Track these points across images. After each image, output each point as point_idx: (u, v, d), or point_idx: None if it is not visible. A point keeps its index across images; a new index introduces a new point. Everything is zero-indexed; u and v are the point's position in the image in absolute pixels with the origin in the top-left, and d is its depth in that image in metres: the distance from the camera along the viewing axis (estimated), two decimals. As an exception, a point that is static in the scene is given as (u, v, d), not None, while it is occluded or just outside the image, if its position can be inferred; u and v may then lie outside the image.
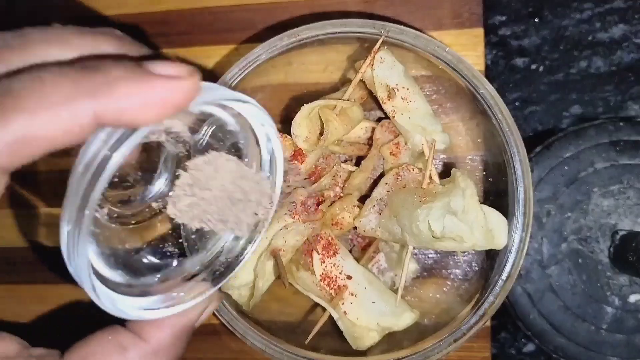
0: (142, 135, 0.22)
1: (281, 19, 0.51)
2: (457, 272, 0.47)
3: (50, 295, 0.54)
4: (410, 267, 0.46)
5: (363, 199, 0.45)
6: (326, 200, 0.45)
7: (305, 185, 0.46)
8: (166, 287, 0.30)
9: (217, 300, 0.33)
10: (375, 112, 0.48)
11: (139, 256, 0.31)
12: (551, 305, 0.47)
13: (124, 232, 0.30)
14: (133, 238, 0.31)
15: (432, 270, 0.48)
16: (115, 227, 0.30)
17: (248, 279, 0.44)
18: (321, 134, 0.44)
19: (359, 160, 0.47)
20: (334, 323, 0.44)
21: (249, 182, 0.29)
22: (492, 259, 0.43)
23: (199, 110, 0.28)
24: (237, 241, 0.33)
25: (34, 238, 0.55)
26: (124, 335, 0.28)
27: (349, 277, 0.43)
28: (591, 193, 0.47)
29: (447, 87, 0.46)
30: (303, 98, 0.47)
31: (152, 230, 0.32)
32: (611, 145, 0.47)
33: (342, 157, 0.48)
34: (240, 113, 0.28)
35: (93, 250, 0.26)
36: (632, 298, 0.47)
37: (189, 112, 0.28)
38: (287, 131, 0.44)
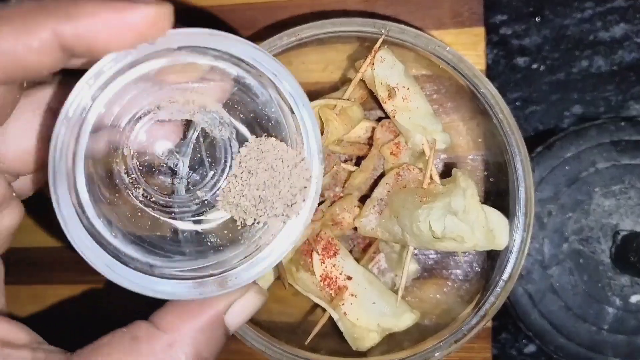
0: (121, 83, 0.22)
1: (281, 18, 0.51)
2: (458, 272, 0.47)
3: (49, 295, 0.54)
4: (411, 267, 0.46)
5: (363, 199, 0.45)
6: (326, 200, 0.45)
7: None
8: (198, 275, 0.27)
9: (258, 295, 0.29)
10: (376, 111, 0.48)
11: (176, 242, 0.29)
12: (552, 305, 0.47)
13: (153, 215, 0.29)
14: (160, 220, 0.29)
15: (433, 270, 0.48)
16: (149, 211, 0.29)
17: (248, 279, 0.43)
18: (321, 134, 0.44)
19: (359, 160, 0.47)
20: (334, 324, 0.44)
21: (288, 164, 0.28)
22: (493, 259, 0.43)
23: (211, 64, 0.27)
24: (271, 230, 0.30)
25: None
26: (140, 326, 0.26)
27: (349, 278, 0.43)
28: (592, 193, 0.47)
29: (448, 87, 0.46)
30: (303, 97, 0.47)
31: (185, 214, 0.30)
32: (612, 145, 0.47)
33: (342, 157, 0.48)
34: (263, 76, 0.27)
35: (112, 224, 0.26)
36: (634, 298, 0.47)
37: (218, 89, 0.27)
38: (287, 131, 0.44)
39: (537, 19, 0.52)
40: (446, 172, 0.47)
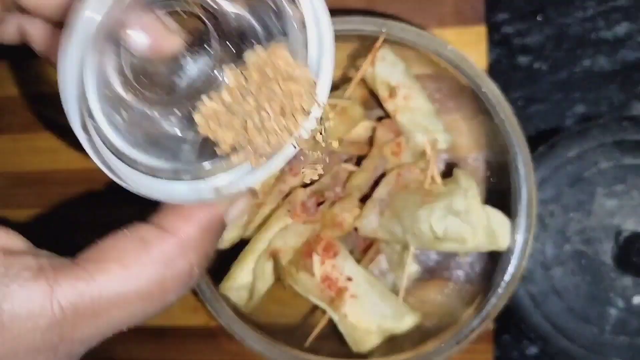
0: None
1: (281, 16, 0.51)
2: (460, 273, 0.47)
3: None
4: (412, 268, 0.46)
5: (364, 200, 0.45)
6: (326, 200, 0.45)
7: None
8: (193, 178, 0.26)
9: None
10: (377, 111, 0.48)
11: (171, 143, 0.27)
12: (554, 307, 0.47)
13: (155, 117, 0.27)
14: (164, 123, 0.27)
15: (434, 271, 0.48)
16: (144, 107, 0.26)
17: (247, 280, 0.43)
18: (321, 134, 0.44)
19: (360, 160, 0.47)
20: (334, 325, 0.43)
21: (297, 84, 0.25)
22: (494, 260, 0.43)
23: None
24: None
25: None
26: (145, 229, 0.25)
27: (350, 279, 0.43)
28: (595, 193, 0.47)
29: (449, 86, 0.46)
30: (303, 97, 0.47)
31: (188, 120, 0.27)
32: (615, 145, 0.47)
33: (342, 157, 0.48)
34: None
35: (114, 124, 0.24)
36: (636, 300, 0.46)
37: None
38: (287, 130, 0.44)
39: (539, 18, 0.51)
40: (448, 172, 0.47)
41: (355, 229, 0.45)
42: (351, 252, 0.46)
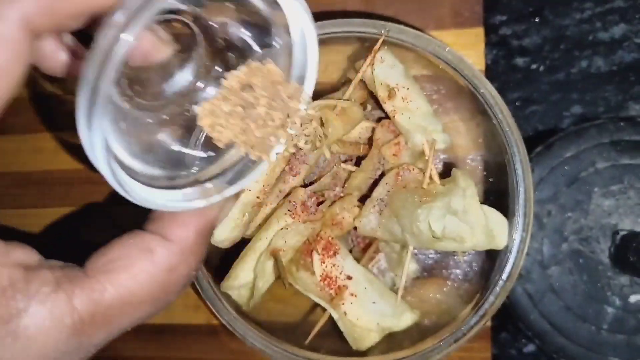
0: (152, 13, 0.21)
1: (281, 18, 0.51)
2: (458, 272, 0.47)
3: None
4: (411, 267, 0.46)
5: (363, 199, 0.45)
6: (326, 200, 0.45)
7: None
8: (185, 185, 0.28)
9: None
10: (376, 111, 0.48)
11: (163, 150, 0.29)
12: (552, 305, 0.47)
13: (148, 124, 0.28)
14: (156, 130, 0.29)
15: (433, 270, 0.48)
16: (139, 115, 0.28)
17: (248, 279, 0.43)
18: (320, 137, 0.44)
19: (359, 160, 0.47)
20: (334, 323, 0.44)
21: (281, 95, 0.27)
22: (492, 259, 0.43)
23: None
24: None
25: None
26: (148, 238, 0.27)
27: (349, 278, 0.43)
28: (592, 193, 0.47)
29: (448, 87, 0.46)
30: (303, 98, 0.47)
31: (177, 126, 0.29)
32: (612, 145, 0.47)
33: (342, 157, 0.48)
34: None
35: (114, 138, 0.24)
36: (633, 298, 0.47)
37: None
38: (287, 131, 0.44)
39: (536, 20, 0.52)
40: (446, 172, 0.47)
41: (355, 228, 0.45)
42: (351, 251, 0.46)
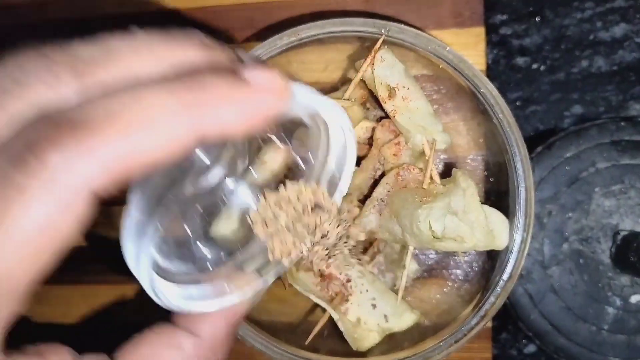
0: None
1: (281, 18, 0.51)
2: (458, 272, 0.47)
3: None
4: (411, 267, 0.46)
5: (363, 199, 0.45)
6: (326, 200, 0.45)
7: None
8: (215, 277, 0.29)
9: (262, 292, 0.31)
10: (376, 111, 0.48)
11: (195, 245, 0.30)
12: (552, 305, 0.47)
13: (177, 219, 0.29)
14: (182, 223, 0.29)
15: (433, 270, 0.48)
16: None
17: (248, 279, 0.43)
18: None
19: (359, 160, 0.47)
20: (334, 324, 0.44)
21: (320, 214, 0.29)
22: (493, 259, 0.43)
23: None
24: None
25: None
26: (176, 334, 0.27)
27: (349, 278, 0.43)
28: (592, 193, 0.47)
29: (448, 87, 0.46)
30: (303, 98, 0.47)
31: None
32: (612, 145, 0.47)
33: (342, 157, 0.48)
34: (320, 115, 0.27)
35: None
36: (634, 299, 0.47)
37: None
38: (287, 131, 0.44)
39: (537, 19, 0.51)
40: (446, 172, 0.47)
41: (355, 229, 0.45)
42: (351, 252, 0.46)
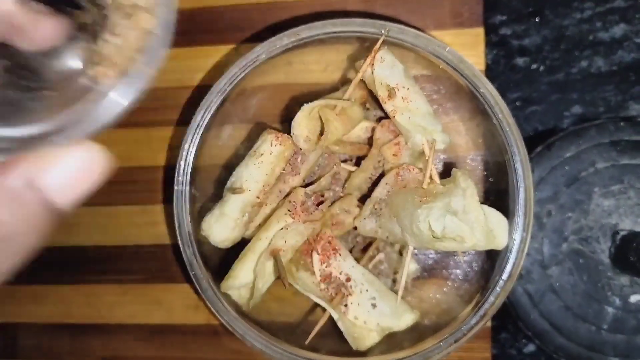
0: None
1: (281, 18, 0.51)
2: (458, 272, 0.47)
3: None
4: (411, 267, 0.46)
5: (363, 199, 0.45)
6: (326, 200, 0.45)
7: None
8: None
9: (93, 155, 0.21)
10: (376, 111, 0.48)
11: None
12: (552, 305, 0.47)
13: None
14: None
15: (433, 270, 0.48)
16: None
17: (248, 279, 0.44)
18: (321, 134, 0.44)
19: (359, 160, 0.47)
20: (334, 323, 0.44)
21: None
22: (492, 259, 0.43)
23: None
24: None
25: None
26: None
27: (349, 278, 0.43)
28: (592, 193, 0.47)
29: (448, 87, 0.46)
30: (303, 98, 0.47)
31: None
32: (612, 145, 0.47)
33: (342, 157, 0.48)
34: None
35: None
36: (633, 298, 0.47)
37: None
38: (288, 131, 0.44)
39: (536, 20, 0.52)
40: (446, 172, 0.47)
41: (355, 228, 0.45)
42: (351, 251, 0.46)
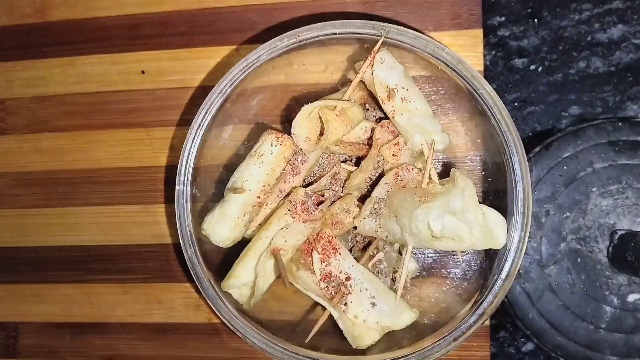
0: None
1: (281, 19, 0.51)
2: (457, 271, 0.48)
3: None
4: (410, 266, 0.47)
5: (363, 199, 0.45)
6: (326, 200, 0.45)
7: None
8: None
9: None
10: (375, 112, 0.48)
11: None
12: (550, 304, 0.48)
13: None
14: None
15: (432, 269, 0.48)
16: None
17: (249, 278, 0.44)
18: (321, 134, 0.45)
19: (359, 160, 0.47)
20: (334, 322, 0.44)
21: None
22: (491, 258, 0.43)
23: None
24: None
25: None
26: None
27: (349, 277, 0.43)
28: (590, 193, 0.48)
29: (447, 88, 0.47)
30: (303, 98, 0.47)
31: None
32: (610, 146, 0.47)
33: (342, 157, 0.48)
34: None
35: None
36: (631, 297, 0.47)
37: None
38: (288, 131, 0.45)
39: (535, 21, 0.52)
40: (445, 172, 0.47)
41: (355, 228, 0.45)
42: (351, 251, 0.46)
